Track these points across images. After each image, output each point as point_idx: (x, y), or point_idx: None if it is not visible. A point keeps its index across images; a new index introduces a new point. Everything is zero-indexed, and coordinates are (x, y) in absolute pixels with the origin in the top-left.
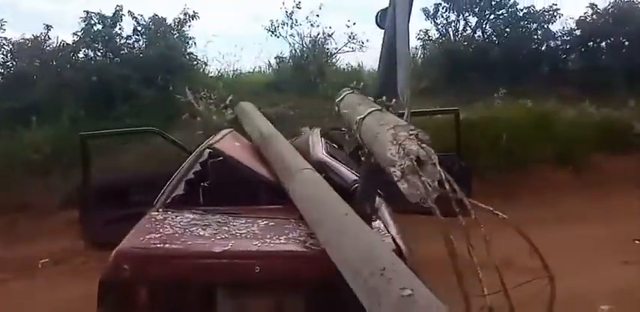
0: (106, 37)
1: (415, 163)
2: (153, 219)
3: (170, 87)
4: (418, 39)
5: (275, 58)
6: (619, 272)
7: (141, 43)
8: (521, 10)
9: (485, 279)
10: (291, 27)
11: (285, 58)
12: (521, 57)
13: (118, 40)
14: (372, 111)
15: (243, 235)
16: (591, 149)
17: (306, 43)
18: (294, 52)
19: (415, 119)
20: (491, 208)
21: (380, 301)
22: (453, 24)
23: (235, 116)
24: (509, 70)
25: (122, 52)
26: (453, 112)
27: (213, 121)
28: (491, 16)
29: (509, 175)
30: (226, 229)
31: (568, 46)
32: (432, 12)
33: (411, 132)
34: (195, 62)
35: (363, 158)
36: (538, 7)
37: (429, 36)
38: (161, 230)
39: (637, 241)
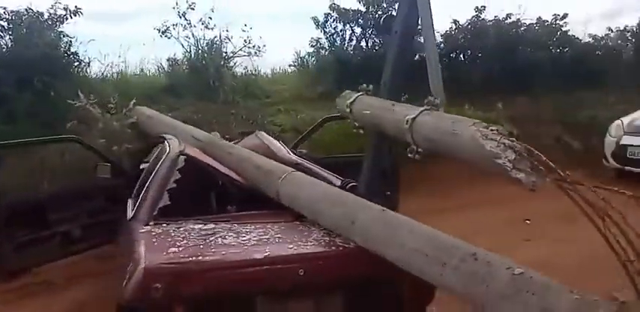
0: None
1: (522, 154)
2: (153, 233)
3: (51, 90)
4: (311, 46)
5: (167, 60)
6: (524, 248)
7: (7, 39)
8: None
9: None
10: (185, 28)
11: (179, 60)
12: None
13: None
14: (423, 110)
15: (270, 240)
16: None
17: (201, 46)
18: (189, 54)
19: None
20: (623, 190)
21: (488, 283)
22: (341, 34)
23: (132, 122)
24: None
25: None
26: None
27: (114, 126)
28: (374, 28)
29: (411, 169)
30: (246, 236)
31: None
32: (321, 21)
33: (491, 128)
34: (78, 63)
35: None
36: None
37: (320, 44)
38: (177, 243)
39: (527, 221)
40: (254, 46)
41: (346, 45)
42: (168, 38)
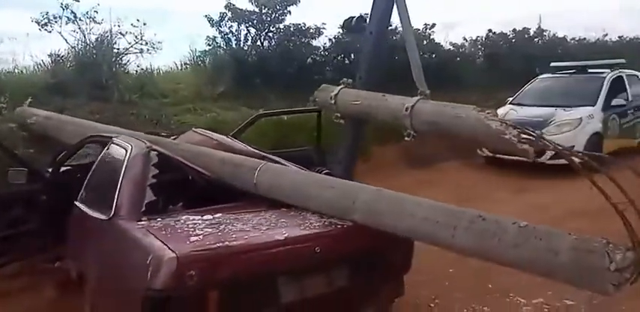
0: None
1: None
2: (155, 227)
3: None
4: (207, 45)
5: (49, 56)
6: None
7: None
8: (293, 26)
9: None
10: (69, 21)
11: (64, 56)
12: (294, 67)
13: None
14: (419, 99)
15: (277, 224)
16: (372, 141)
17: (90, 41)
18: (75, 50)
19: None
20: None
21: (499, 236)
22: (236, 34)
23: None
24: (287, 77)
25: None
26: (316, 111)
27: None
28: (270, 29)
29: None
30: (253, 222)
31: (325, 60)
32: (216, 20)
33: (487, 112)
34: None
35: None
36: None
37: (216, 42)
38: (192, 233)
39: None
40: (146, 43)
41: (242, 44)
42: (49, 32)
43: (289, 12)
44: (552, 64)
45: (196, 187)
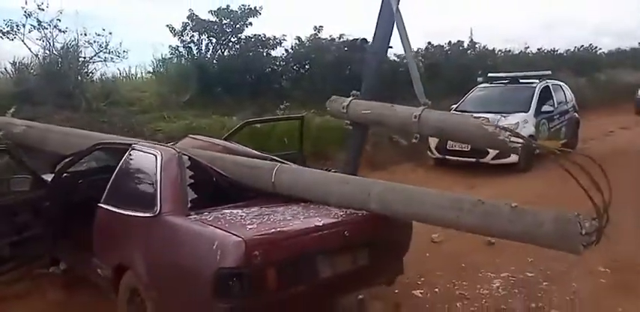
0: None
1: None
2: (209, 219)
3: None
4: (170, 54)
5: (12, 64)
6: None
7: None
8: (254, 37)
9: None
10: (35, 29)
11: (28, 65)
12: (255, 76)
13: None
14: (424, 109)
15: (309, 214)
16: (335, 145)
17: (56, 50)
18: (39, 58)
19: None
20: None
21: (496, 215)
22: (197, 43)
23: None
24: (248, 86)
25: None
26: (298, 119)
27: None
28: (231, 39)
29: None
30: (288, 213)
31: (282, 69)
32: (178, 30)
33: (482, 118)
34: None
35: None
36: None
37: (179, 52)
38: (245, 222)
39: None
40: (110, 52)
41: (204, 54)
42: (12, 40)
43: (250, 23)
44: (490, 74)
45: (219, 187)
